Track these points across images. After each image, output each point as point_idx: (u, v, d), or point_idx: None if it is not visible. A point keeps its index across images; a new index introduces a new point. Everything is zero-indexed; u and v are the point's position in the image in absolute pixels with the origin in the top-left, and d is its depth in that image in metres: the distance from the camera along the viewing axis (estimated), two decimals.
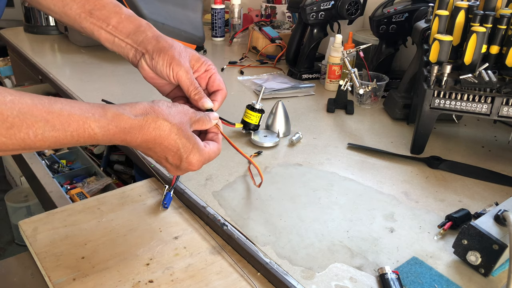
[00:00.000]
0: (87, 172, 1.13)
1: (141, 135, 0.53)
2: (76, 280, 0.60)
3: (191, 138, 0.57)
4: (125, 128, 0.52)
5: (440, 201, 0.76)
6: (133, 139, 0.53)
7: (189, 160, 0.57)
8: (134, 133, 0.53)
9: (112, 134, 0.51)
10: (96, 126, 0.50)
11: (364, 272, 0.60)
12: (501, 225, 0.60)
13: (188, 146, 0.56)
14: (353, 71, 1.06)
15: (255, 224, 0.69)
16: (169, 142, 0.55)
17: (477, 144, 0.97)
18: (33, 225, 0.70)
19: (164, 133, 0.55)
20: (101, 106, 0.52)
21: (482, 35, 0.81)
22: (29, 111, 0.44)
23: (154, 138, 0.54)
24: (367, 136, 0.99)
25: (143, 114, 0.54)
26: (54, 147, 0.49)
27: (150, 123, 0.54)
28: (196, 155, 0.57)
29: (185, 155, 0.57)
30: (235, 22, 1.74)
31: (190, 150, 0.57)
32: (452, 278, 0.59)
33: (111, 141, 0.52)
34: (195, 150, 0.57)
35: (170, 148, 0.56)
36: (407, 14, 1.14)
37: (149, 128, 0.54)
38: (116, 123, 0.51)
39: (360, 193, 0.78)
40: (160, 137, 0.55)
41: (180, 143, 0.56)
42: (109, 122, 0.51)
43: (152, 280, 0.60)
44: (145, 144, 0.55)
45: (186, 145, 0.56)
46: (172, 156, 0.57)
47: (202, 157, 0.58)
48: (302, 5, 1.24)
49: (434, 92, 0.84)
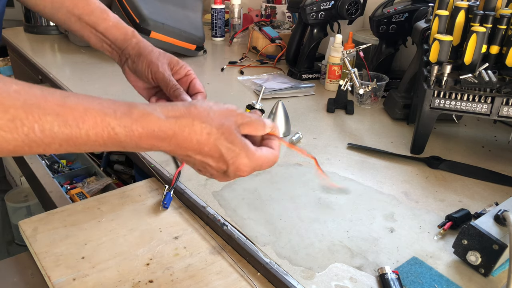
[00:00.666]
0: (87, 172, 1.13)
1: (175, 140, 0.47)
2: (76, 280, 0.60)
3: (237, 141, 0.50)
4: (154, 131, 0.45)
5: (440, 201, 0.76)
6: (165, 145, 0.47)
7: (236, 165, 0.50)
8: (165, 137, 0.46)
9: (137, 136, 0.45)
10: (116, 124, 0.43)
11: (364, 272, 0.60)
12: (501, 225, 0.59)
13: (234, 150, 0.49)
14: (353, 71, 1.06)
15: (255, 224, 0.69)
16: (209, 147, 0.49)
17: (477, 144, 0.97)
18: (33, 225, 0.70)
19: (202, 137, 0.48)
20: (127, 104, 0.45)
21: (482, 35, 0.81)
22: (36, 103, 0.39)
23: (190, 144, 0.48)
24: (367, 136, 0.99)
25: (176, 117, 0.47)
26: (69, 149, 0.43)
27: (184, 127, 0.47)
28: (244, 159, 0.50)
29: (232, 160, 0.50)
30: (235, 22, 1.74)
31: (237, 154, 0.50)
32: (452, 278, 0.59)
33: (138, 145, 0.46)
34: (243, 154, 0.50)
35: (210, 154, 0.49)
36: (407, 14, 1.14)
37: (184, 133, 0.47)
38: (143, 124, 0.45)
39: (360, 193, 0.78)
40: (198, 143, 0.48)
41: (223, 148, 0.49)
42: (134, 122, 0.44)
43: (152, 280, 0.60)
44: (181, 151, 0.48)
45: (231, 149, 0.49)
46: (215, 162, 0.50)
47: (253, 162, 0.51)
48: (302, 5, 1.24)
49: (434, 92, 0.84)
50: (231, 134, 0.49)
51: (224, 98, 1.17)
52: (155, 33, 1.33)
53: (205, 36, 1.52)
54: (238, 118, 0.52)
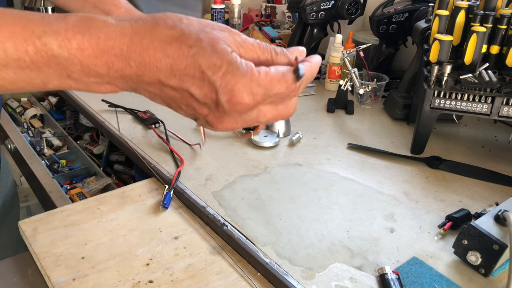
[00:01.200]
0: (87, 172, 1.13)
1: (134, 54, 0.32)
2: (76, 280, 0.60)
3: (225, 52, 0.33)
4: (99, 40, 0.31)
5: (440, 201, 0.76)
6: (123, 65, 0.32)
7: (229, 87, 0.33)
8: (119, 51, 0.32)
9: (77, 49, 0.31)
10: (43, 31, 0.31)
11: (364, 272, 0.60)
12: (501, 225, 0.59)
13: (220, 64, 0.32)
14: (353, 71, 1.06)
15: (255, 224, 0.68)
16: (186, 63, 0.32)
17: (477, 144, 0.97)
18: (33, 225, 0.70)
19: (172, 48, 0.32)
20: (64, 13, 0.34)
21: (482, 35, 0.81)
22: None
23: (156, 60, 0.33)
24: (367, 136, 0.99)
25: (133, 19, 0.34)
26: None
27: (144, 34, 0.33)
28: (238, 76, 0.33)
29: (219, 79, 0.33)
30: (235, 22, 1.74)
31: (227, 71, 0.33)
32: (452, 278, 0.59)
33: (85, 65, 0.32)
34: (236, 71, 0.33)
35: (189, 73, 0.33)
36: (407, 14, 1.14)
37: (144, 42, 0.32)
38: (83, 29, 0.31)
39: (360, 193, 0.77)
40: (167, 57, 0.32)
41: (203, 61, 0.32)
42: (70, 28, 0.31)
43: (152, 280, 0.60)
44: (149, 74, 0.33)
45: (214, 62, 0.32)
46: (199, 88, 0.33)
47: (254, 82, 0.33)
48: (302, 5, 1.24)
49: (434, 92, 0.84)
50: (216, 43, 0.33)
51: None
52: None
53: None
54: (235, 34, 0.36)
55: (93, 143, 1.35)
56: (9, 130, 1.15)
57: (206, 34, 0.34)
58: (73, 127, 1.45)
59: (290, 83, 0.35)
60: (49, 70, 0.32)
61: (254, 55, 0.36)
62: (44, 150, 1.20)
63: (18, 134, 1.13)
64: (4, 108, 1.39)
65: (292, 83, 0.35)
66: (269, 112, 0.37)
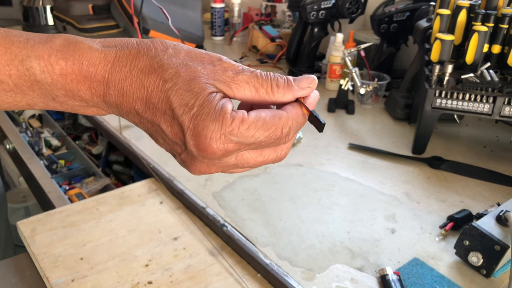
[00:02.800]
0: (86, 172, 1.12)
1: (114, 83, 0.31)
2: (74, 281, 0.59)
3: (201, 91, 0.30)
4: (82, 66, 0.31)
5: (442, 202, 0.75)
6: (104, 90, 0.32)
7: (196, 131, 0.30)
8: (103, 77, 0.31)
9: (60, 74, 0.31)
10: (26, 55, 0.30)
11: (365, 273, 0.59)
12: (503, 226, 0.59)
13: (192, 104, 0.30)
14: (354, 71, 1.05)
15: (255, 225, 0.68)
16: (156, 95, 0.31)
17: (478, 144, 0.97)
18: (31, 225, 0.69)
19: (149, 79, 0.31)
20: (50, 34, 0.33)
21: (483, 34, 0.80)
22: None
23: (134, 89, 0.31)
24: (368, 136, 0.98)
25: (118, 46, 0.32)
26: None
27: (125, 63, 0.31)
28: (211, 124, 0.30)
29: (187, 120, 0.30)
30: (235, 21, 1.73)
31: (196, 113, 0.30)
32: (453, 279, 0.59)
33: (68, 89, 0.32)
34: (206, 114, 0.30)
35: (160, 106, 0.31)
36: (408, 13, 1.13)
37: (124, 70, 0.31)
38: (67, 54, 0.31)
39: (361, 193, 0.77)
40: (143, 87, 0.31)
41: (175, 99, 0.30)
42: (54, 52, 0.31)
43: (151, 281, 0.60)
44: (126, 103, 0.32)
45: (186, 102, 0.30)
46: (169, 125, 0.32)
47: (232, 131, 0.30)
48: (302, 4, 1.23)
49: (435, 92, 0.84)
50: (194, 80, 0.31)
51: None
52: (154, 32, 1.33)
53: (204, 35, 1.51)
54: (227, 67, 0.33)
55: (92, 143, 1.34)
56: (7, 130, 1.14)
57: (187, 68, 0.31)
58: (72, 127, 1.45)
59: (273, 131, 0.31)
60: (34, 94, 0.32)
61: (250, 88, 0.32)
62: (42, 150, 1.20)
63: (17, 134, 1.13)
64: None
65: (276, 131, 0.31)
66: (252, 159, 0.33)
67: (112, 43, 0.33)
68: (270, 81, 0.32)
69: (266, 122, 0.31)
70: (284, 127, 0.31)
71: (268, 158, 0.34)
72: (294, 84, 0.33)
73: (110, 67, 0.31)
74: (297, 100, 0.33)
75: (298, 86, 0.33)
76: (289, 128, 0.32)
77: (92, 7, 1.53)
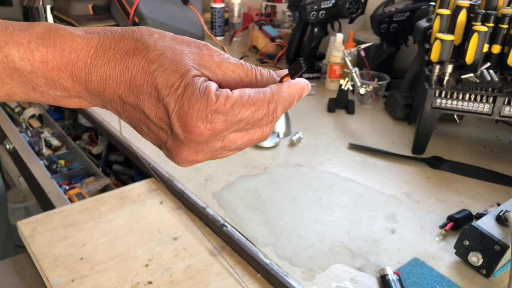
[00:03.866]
0: (86, 172, 1.12)
1: (96, 68, 0.31)
2: (74, 281, 0.59)
3: (186, 73, 0.30)
4: (64, 52, 0.30)
5: (442, 202, 0.75)
6: (87, 78, 0.31)
7: (181, 112, 0.30)
8: (84, 63, 0.31)
9: (40, 61, 0.30)
10: (4, 42, 0.29)
11: (365, 273, 0.59)
12: (502, 226, 0.59)
13: (178, 86, 0.30)
14: (354, 71, 1.05)
15: (255, 225, 0.68)
16: (143, 79, 0.30)
17: (478, 144, 0.97)
18: (31, 225, 0.69)
19: (133, 61, 0.30)
20: (31, 22, 0.32)
21: (483, 34, 0.80)
22: None
23: (117, 74, 0.31)
24: (368, 136, 0.98)
25: (101, 32, 0.32)
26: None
27: (108, 47, 0.31)
28: (197, 104, 0.29)
29: (173, 103, 0.30)
30: (235, 21, 1.73)
31: (181, 94, 0.29)
32: (453, 279, 0.59)
33: (49, 77, 0.31)
34: (191, 94, 0.29)
35: (145, 88, 0.30)
36: (408, 13, 1.13)
37: (107, 54, 0.31)
38: (48, 41, 0.30)
39: (361, 193, 0.77)
40: (127, 70, 0.30)
41: (160, 80, 0.30)
42: (34, 39, 0.30)
43: (151, 281, 0.60)
44: (109, 89, 0.31)
45: (171, 82, 0.30)
46: (153, 108, 0.31)
47: (219, 109, 0.29)
48: (302, 3, 1.23)
49: (435, 92, 0.84)
50: (180, 61, 0.30)
51: None
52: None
53: (204, 35, 1.51)
54: (216, 54, 0.32)
55: (92, 143, 1.34)
56: (7, 130, 1.14)
57: (173, 50, 0.31)
58: (72, 127, 1.45)
59: (259, 106, 0.30)
60: (13, 83, 0.31)
61: (235, 76, 0.32)
62: (42, 150, 1.20)
63: (17, 134, 1.13)
64: (2, 107, 1.38)
65: (263, 106, 0.31)
66: (239, 139, 0.32)
67: (95, 30, 0.32)
68: (254, 71, 0.33)
69: (251, 97, 0.30)
70: (270, 102, 0.31)
71: (254, 136, 0.33)
72: (275, 75, 0.34)
73: (93, 52, 0.31)
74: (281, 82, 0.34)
75: (279, 76, 0.34)
76: (276, 103, 0.31)
77: (92, 7, 1.53)
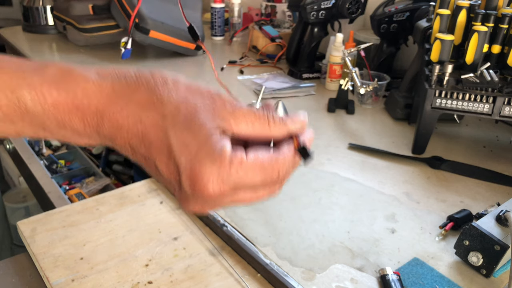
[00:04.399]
0: (86, 172, 1.12)
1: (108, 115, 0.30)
2: (75, 281, 0.59)
3: (199, 130, 0.29)
4: (76, 97, 0.29)
5: (442, 202, 0.75)
6: (99, 122, 0.30)
7: (192, 173, 0.29)
8: (96, 108, 0.30)
9: (52, 104, 0.29)
10: (17, 84, 0.29)
11: (365, 273, 0.60)
12: (503, 226, 0.59)
13: (189, 144, 0.29)
14: (354, 71, 1.05)
15: (255, 225, 0.68)
16: (154, 133, 0.30)
17: (478, 144, 0.97)
18: (31, 225, 0.69)
19: (146, 115, 0.30)
20: (44, 62, 0.32)
21: (483, 34, 0.81)
22: None
23: (129, 124, 0.30)
24: (368, 136, 0.98)
25: (115, 77, 0.31)
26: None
27: (123, 94, 0.30)
28: (208, 166, 0.29)
29: (185, 162, 0.29)
30: (235, 21, 1.73)
31: (194, 153, 0.29)
32: (453, 279, 0.59)
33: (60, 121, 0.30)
34: (203, 155, 0.29)
35: (157, 144, 0.30)
36: (408, 13, 1.13)
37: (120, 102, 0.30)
38: (60, 84, 0.29)
39: (361, 193, 0.77)
40: (140, 123, 0.30)
41: (172, 136, 0.29)
42: (46, 82, 0.29)
43: (151, 281, 0.60)
44: (121, 136, 0.31)
45: (184, 141, 0.29)
46: (165, 164, 0.31)
47: (228, 172, 0.29)
48: (302, 4, 1.23)
49: (435, 92, 0.84)
50: (194, 118, 0.30)
51: None
52: (154, 32, 1.33)
53: (204, 35, 1.51)
54: (226, 103, 0.32)
55: None
56: None
57: (187, 104, 0.30)
58: None
59: (271, 172, 0.31)
60: (23, 123, 0.31)
61: (247, 124, 0.32)
62: (42, 150, 1.20)
63: None
64: None
65: (273, 174, 0.31)
66: (247, 198, 0.32)
67: (108, 73, 0.31)
68: (266, 116, 0.32)
69: (264, 165, 0.30)
70: (280, 170, 0.31)
71: (263, 195, 0.33)
72: (287, 120, 0.33)
73: (106, 98, 0.30)
74: (291, 138, 0.34)
75: (293, 122, 0.34)
76: (286, 171, 0.31)
77: (92, 7, 1.53)
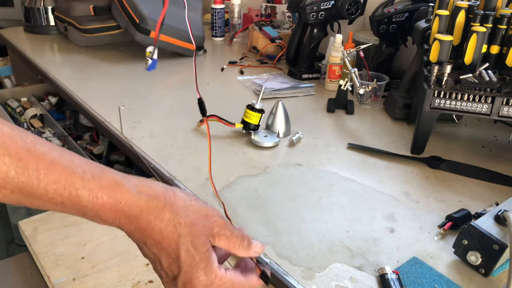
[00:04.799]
0: None
1: (137, 222, 0.41)
2: (76, 280, 0.60)
3: (201, 249, 0.43)
4: (120, 204, 0.40)
5: (441, 201, 0.76)
6: (126, 224, 0.41)
7: (189, 276, 0.43)
8: (130, 215, 0.41)
9: (100, 205, 0.39)
10: (81, 186, 0.38)
11: (364, 273, 0.60)
12: (501, 225, 0.59)
13: (194, 258, 0.42)
14: (353, 71, 1.06)
15: (255, 224, 0.68)
16: (168, 243, 0.42)
17: (477, 144, 0.97)
18: (33, 225, 0.70)
19: (167, 229, 0.42)
20: (101, 167, 0.41)
21: (482, 35, 0.81)
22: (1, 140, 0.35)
23: (152, 232, 0.42)
24: (368, 136, 0.99)
25: (149, 195, 0.42)
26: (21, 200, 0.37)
27: (153, 210, 0.41)
28: (200, 273, 0.43)
29: (186, 268, 0.42)
30: (235, 22, 1.74)
31: (194, 265, 0.42)
32: (452, 278, 0.59)
33: (98, 215, 0.40)
34: (201, 266, 0.43)
35: (166, 251, 0.43)
36: (407, 14, 1.14)
37: (150, 216, 0.41)
38: (111, 192, 0.39)
39: (360, 193, 0.77)
40: (160, 233, 0.42)
41: (182, 250, 0.42)
42: (101, 188, 0.39)
43: (152, 280, 0.60)
44: (140, 236, 0.42)
45: (191, 254, 0.42)
46: (167, 262, 0.43)
47: (209, 281, 0.43)
48: (302, 4, 1.24)
49: (434, 92, 0.84)
50: (199, 238, 0.43)
51: (224, 98, 1.17)
52: (154, 33, 1.33)
53: (205, 36, 1.51)
54: (216, 225, 0.45)
55: (93, 143, 1.35)
56: None
57: (195, 228, 0.43)
58: (73, 127, 1.45)
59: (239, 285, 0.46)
60: (71, 210, 0.39)
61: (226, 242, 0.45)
62: None
63: None
64: (4, 108, 1.39)
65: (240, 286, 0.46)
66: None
67: (144, 190, 0.42)
68: (240, 241, 0.46)
69: (235, 284, 0.45)
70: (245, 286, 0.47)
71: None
72: (251, 247, 0.47)
73: (139, 211, 0.41)
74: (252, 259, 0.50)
75: (254, 250, 0.47)
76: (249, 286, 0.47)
77: (93, 8, 1.54)
